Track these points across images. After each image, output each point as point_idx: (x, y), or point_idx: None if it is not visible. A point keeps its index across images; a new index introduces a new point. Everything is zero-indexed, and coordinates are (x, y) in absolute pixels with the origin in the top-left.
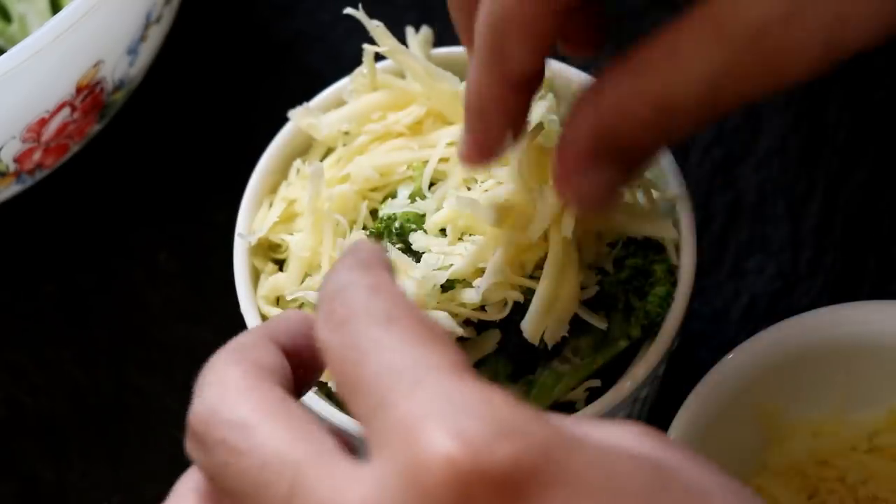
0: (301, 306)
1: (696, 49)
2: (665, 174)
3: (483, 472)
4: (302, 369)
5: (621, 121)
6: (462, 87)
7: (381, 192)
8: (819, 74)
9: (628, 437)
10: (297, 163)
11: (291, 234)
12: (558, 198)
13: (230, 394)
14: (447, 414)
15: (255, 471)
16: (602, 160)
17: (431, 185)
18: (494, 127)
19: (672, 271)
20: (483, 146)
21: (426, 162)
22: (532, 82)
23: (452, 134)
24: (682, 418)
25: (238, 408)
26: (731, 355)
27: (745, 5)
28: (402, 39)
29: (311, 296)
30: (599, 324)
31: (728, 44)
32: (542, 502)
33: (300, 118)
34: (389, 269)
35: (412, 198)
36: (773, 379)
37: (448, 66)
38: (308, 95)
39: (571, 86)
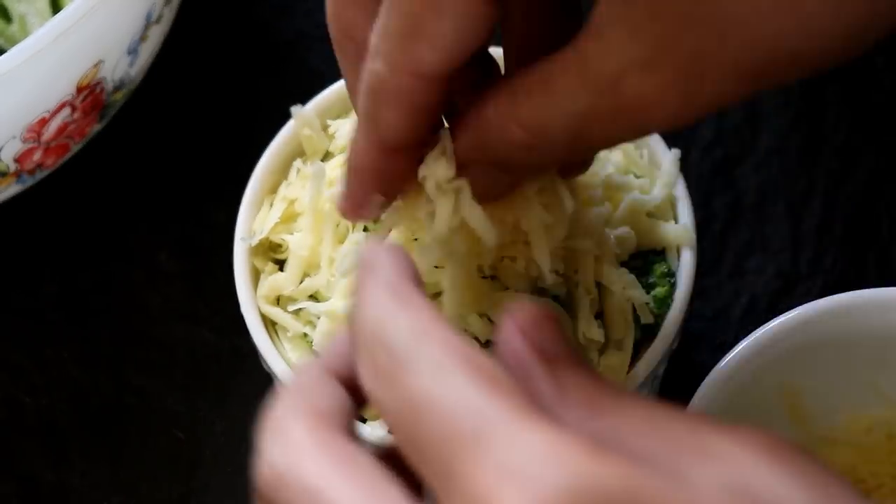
0: (298, 312)
1: (564, 87)
2: (665, 174)
3: None
4: (359, 390)
5: (497, 139)
6: None
7: None
8: (682, 124)
9: (738, 463)
10: (298, 163)
11: (292, 233)
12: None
13: (296, 453)
14: (519, 479)
15: None
16: (482, 165)
17: None
18: (366, 186)
19: (672, 272)
20: (354, 203)
21: None
22: (412, 149)
23: None
24: (704, 390)
25: (306, 470)
26: (758, 332)
27: (605, 51)
28: None
29: (339, 307)
30: (598, 334)
31: (591, 88)
32: None
33: (300, 128)
34: (419, 284)
35: None
36: (800, 358)
37: None
38: (308, 95)
39: None
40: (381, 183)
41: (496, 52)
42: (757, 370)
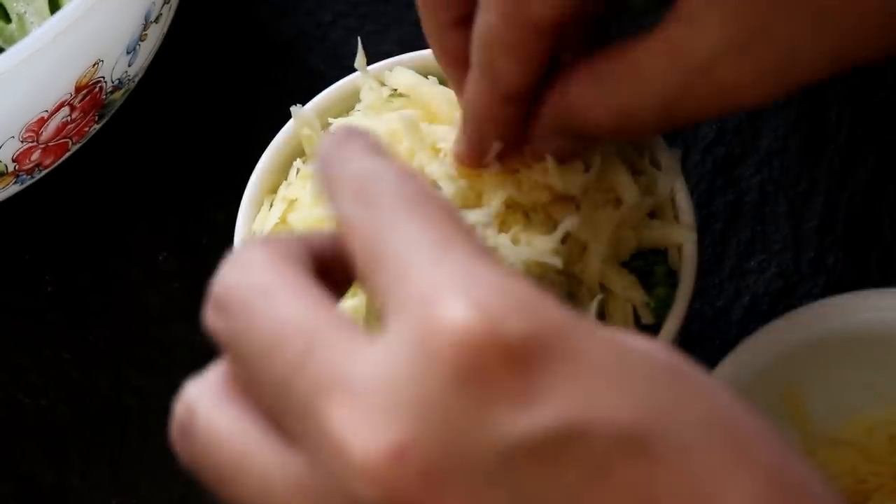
0: None
1: (654, 72)
2: (666, 174)
3: (496, 341)
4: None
5: (583, 122)
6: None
7: None
8: (773, 100)
9: (641, 340)
10: (298, 162)
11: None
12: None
13: (255, 266)
14: (466, 286)
15: (272, 330)
16: (562, 137)
17: None
18: (489, 135)
19: (673, 272)
20: (476, 152)
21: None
22: (528, 93)
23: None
24: None
25: (261, 276)
26: (759, 333)
27: (698, 35)
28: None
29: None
30: None
31: (682, 72)
32: (548, 374)
33: (300, 127)
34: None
35: None
36: (801, 359)
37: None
38: (308, 95)
39: None
40: (501, 130)
41: None
42: (758, 371)
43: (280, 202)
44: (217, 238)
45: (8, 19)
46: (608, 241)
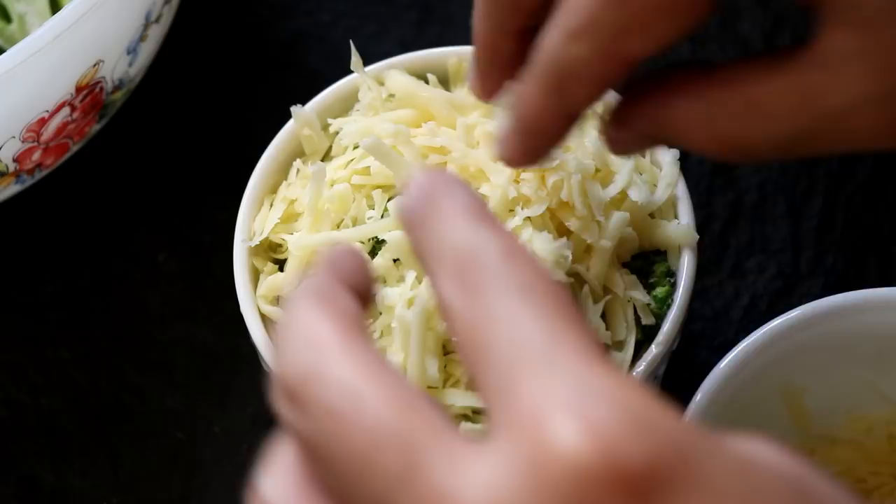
0: None
1: (781, 111)
2: (666, 174)
3: (614, 470)
4: (363, 305)
5: (681, 141)
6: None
7: (388, 192)
8: None
9: (765, 450)
10: (298, 163)
11: (292, 233)
12: None
13: (328, 351)
14: (578, 401)
15: (366, 444)
16: (648, 141)
17: None
18: (546, 144)
19: (672, 272)
20: (532, 158)
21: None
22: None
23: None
24: (705, 389)
25: (341, 369)
26: (759, 332)
27: (840, 86)
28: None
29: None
30: (606, 336)
31: (814, 114)
32: None
33: (300, 127)
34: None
35: None
36: (800, 358)
37: (438, 67)
38: (308, 95)
39: None
40: (558, 140)
41: None
42: (757, 370)
43: (280, 202)
44: (217, 238)
45: (9, 19)
46: (616, 243)
